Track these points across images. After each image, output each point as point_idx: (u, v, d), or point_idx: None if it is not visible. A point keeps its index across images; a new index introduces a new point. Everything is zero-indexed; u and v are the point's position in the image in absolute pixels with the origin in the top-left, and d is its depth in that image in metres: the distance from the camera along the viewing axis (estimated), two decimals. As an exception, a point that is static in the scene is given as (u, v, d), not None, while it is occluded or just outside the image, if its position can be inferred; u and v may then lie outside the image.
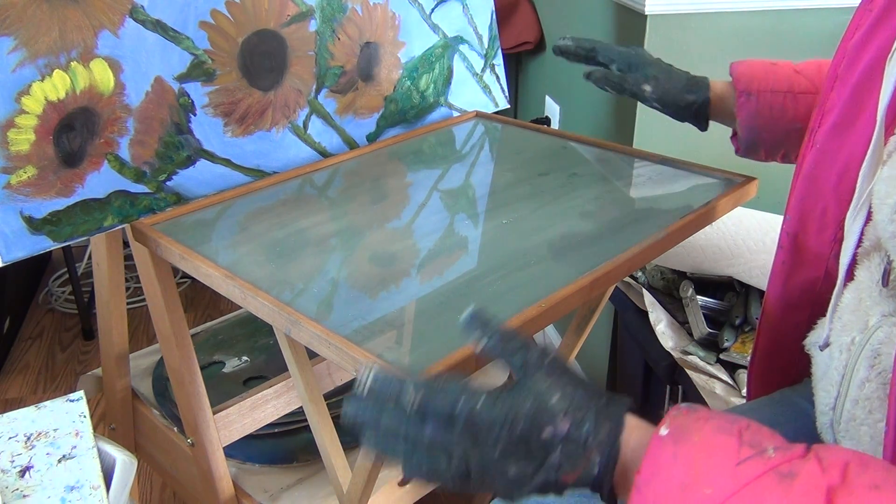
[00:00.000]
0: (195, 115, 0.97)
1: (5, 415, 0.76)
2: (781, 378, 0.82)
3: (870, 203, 0.59)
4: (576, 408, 0.50)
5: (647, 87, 0.94)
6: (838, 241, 0.69)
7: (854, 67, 0.68)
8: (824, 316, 0.68)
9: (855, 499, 0.41)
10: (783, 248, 0.76)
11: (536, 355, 0.52)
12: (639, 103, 1.36)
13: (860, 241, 0.62)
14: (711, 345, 1.15)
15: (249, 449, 1.15)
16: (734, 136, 0.97)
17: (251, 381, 1.20)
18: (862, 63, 0.67)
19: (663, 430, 0.47)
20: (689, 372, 1.11)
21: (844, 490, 0.42)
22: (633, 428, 0.50)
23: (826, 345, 0.65)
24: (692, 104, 0.94)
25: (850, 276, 0.64)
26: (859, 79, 0.67)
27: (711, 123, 0.97)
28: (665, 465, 0.46)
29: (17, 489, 0.68)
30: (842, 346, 0.62)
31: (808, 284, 0.74)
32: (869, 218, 0.60)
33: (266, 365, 1.24)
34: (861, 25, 0.69)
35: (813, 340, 0.70)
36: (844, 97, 0.69)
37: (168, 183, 0.96)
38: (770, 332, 0.79)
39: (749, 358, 0.86)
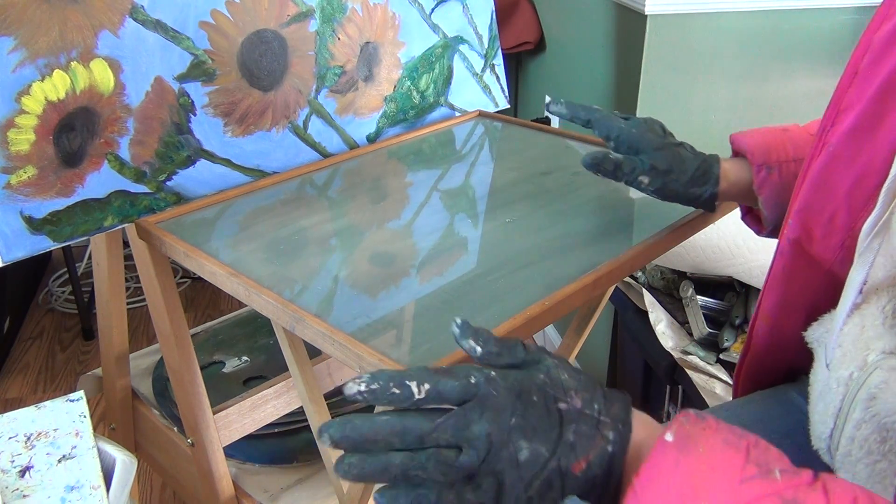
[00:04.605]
0: (195, 115, 0.97)
1: (5, 415, 0.76)
2: (772, 379, 0.79)
3: (891, 221, 0.54)
4: (584, 387, 0.49)
5: (645, 179, 0.81)
6: (846, 248, 0.64)
7: (880, 64, 0.61)
8: (822, 315, 0.66)
9: None
10: (783, 254, 0.71)
11: (535, 346, 0.52)
12: (638, 103, 1.37)
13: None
14: (711, 345, 1.15)
15: (249, 449, 1.15)
16: (747, 214, 0.88)
17: (251, 381, 1.20)
18: (891, 59, 0.60)
19: (668, 436, 0.45)
20: (689, 372, 1.11)
21: None
22: (638, 420, 0.49)
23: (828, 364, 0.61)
24: (698, 198, 0.83)
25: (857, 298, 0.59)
26: (888, 77, 0.60)
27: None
28: (666, 472, 0.44)
29: (17, 489, 0.68)
30: (839, 379, 0.59)
31: (808, 289, 0.70)
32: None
33: (266, 365, 1.24)
34: (890, 16, 0.61)
35: (815, 336, 0.67)
36: (867, 96, 0.61)
37: (168, 183, 0.96)
38: (765, 335, 0.76)
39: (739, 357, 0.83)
